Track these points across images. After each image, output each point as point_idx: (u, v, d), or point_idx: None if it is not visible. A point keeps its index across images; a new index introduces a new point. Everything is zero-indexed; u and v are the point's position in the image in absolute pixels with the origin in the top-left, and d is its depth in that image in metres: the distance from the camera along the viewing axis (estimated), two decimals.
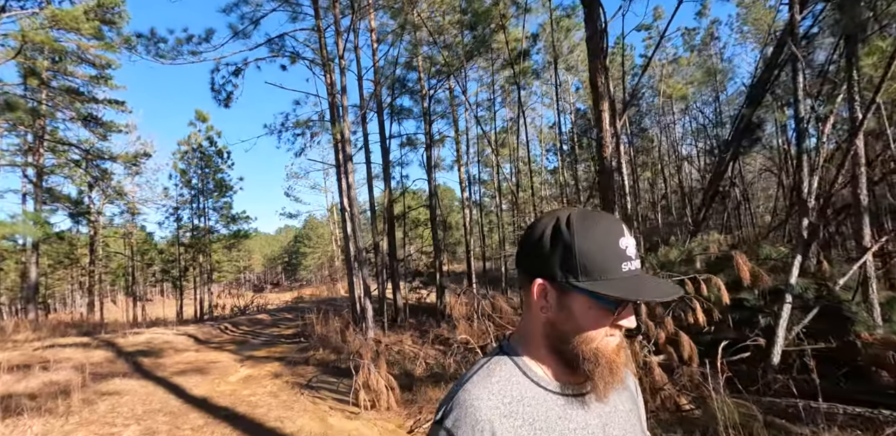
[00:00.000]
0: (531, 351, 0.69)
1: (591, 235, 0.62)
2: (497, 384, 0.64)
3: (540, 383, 0.66)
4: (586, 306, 0.63)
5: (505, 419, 0.61)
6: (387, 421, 3.84)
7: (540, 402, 0.65)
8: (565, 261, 0.62)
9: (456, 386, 0.67)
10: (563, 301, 0.64)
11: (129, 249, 25.02)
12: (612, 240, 0.62)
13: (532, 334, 0.69)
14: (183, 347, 9.66)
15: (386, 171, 12.55)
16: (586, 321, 0.63)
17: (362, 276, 7.19)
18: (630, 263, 0.62)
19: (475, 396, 0.62)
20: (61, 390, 5.23)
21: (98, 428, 4.04)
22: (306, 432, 3.66)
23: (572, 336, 0.64)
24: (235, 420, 4.17)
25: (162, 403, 4.95)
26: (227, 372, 6.71)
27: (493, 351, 0.73)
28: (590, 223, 0.63)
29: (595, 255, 0.61)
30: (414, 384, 4.51)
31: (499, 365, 0.67)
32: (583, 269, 0.61)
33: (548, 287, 0.64)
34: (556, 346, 0.66)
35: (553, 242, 0.63)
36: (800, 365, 3.95)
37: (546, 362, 0.68)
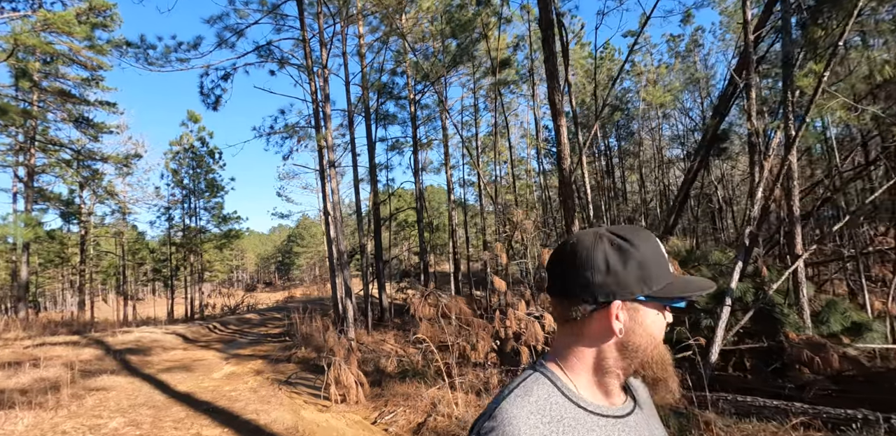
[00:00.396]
0: (570, 373, 0.68)
1: (647, 244, 0.65)
2: (535, 404, 0.63)
3: (580, 403, 0.66)
4: (655, 313, 0.65)
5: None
6: (354, 413, 4.15)
7: (581, 423, 0.64)
8: (642, 275, 0.63)
9: (493, 404, 0.66)
10: (635, 316, 0.65)
11: (121, 248, 25.11)
12: (660, 248, 0.66)
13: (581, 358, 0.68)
14: (171, 345, 9.92)
15: (372, 174, 12.85)
16: (656, 326, 0.66)
17: (344, 277, 7.49)
18: (670, 266, 0.67)
19: (513, 414, 0.61)
20: (51, 386, 5.49)
21: (85, 420, 4.32)
22: (279, 424, 3.97)
23: (646, 345, 0.65)
24: (215, 413, 4.46)
25: (147, 397, 5.23)
26: (211, 369, 6.99)
27: (526, 370, 0.72)
28: (637, 237, 0.65)
29: (656, 265, 0.64)
30: (384, 380, 4.82)
31: (536, 384, 0.66)
32: (656, 278, 0.64)
33: (621, 307, 0.65)
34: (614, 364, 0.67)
35: (623, 259, 0.64)
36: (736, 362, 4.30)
37: (586, 383, 0.68)
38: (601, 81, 16.46)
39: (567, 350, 0.69)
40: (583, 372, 0.67)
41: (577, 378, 0.67)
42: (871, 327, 4.73)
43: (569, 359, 0.68)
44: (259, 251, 75.23)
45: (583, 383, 0.67)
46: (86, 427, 4.10)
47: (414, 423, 3.67)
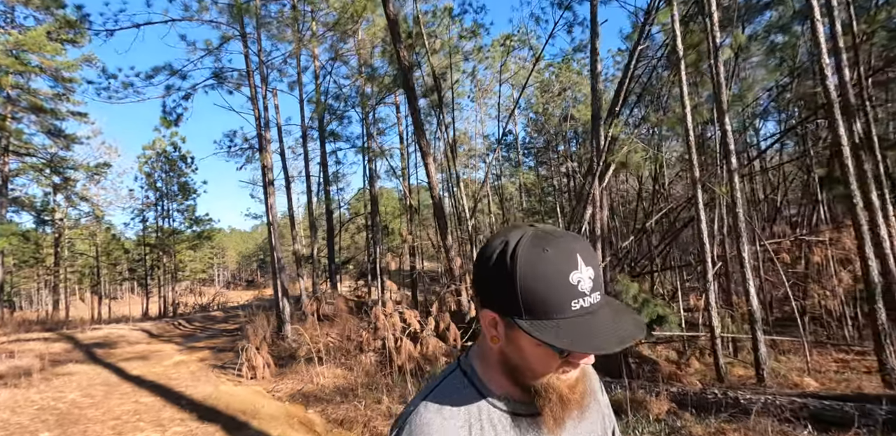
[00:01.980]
0: (488, 370, 0.66)
1: (535, 269, 0.54)
2: (450, 408, 0.62)
3: (495, 403, 0.64)
4: (533, 345, 0.57)
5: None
6: (258, 386, 5.50)
7: (494, 424, 0.63)
8: (508, 296, 0.56)
9: (410, 405, 0.65)
10: (511, 335, 0.59)
11: (95, 249, 25.91)
12: (560, 274, 0.54)
13: (488, 355, 0.66)
14: (136, 340, 11.12)
15: (326, 183, 14.14)
16: (535, 360, 0.59)
17: (281, 280, 8.80)
18: (582, 300, 0.55)
19: (426, 420, 0.61)
20: (24, 372, 6.71)
21: (51, 394, 5.59)
22: (199, 394, 5.29)
23: (523, 369, 0.61)
24: (154, 388, 5.76)
25: (103, 379, 6.49)
26: (164, 358, 8.25)
27: (449, 366, 0.71)
28: (536, 253, 0.55)
29: (539, 293, 0.54)
30: (291, 363, 6.18)
31: (454, 384, 0.66)
32: (527, 307, 0.55)
33: (497, 319, 0.60)
34: (510, 372, 0.63)
35: (498, 274, 0.57)
36: None
37: (502, 382, 0.65)
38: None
39: (481, 344, 0.68)
40: (494, 368, 0.65)
41: (492, 373, 0.65)
42: (669, 319, 6.24)
43: (481, 353, 0.67)
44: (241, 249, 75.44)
45: (498, 379, 0.65)
46: (50, 398, 5.37)
47: (294, 390, 5.04)
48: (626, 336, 0.54)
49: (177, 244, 24.99)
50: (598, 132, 5.85)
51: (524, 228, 0.60)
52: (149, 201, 24.74)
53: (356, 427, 3.70)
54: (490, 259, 0.58)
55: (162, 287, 25.33)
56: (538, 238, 0.57)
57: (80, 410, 4.88)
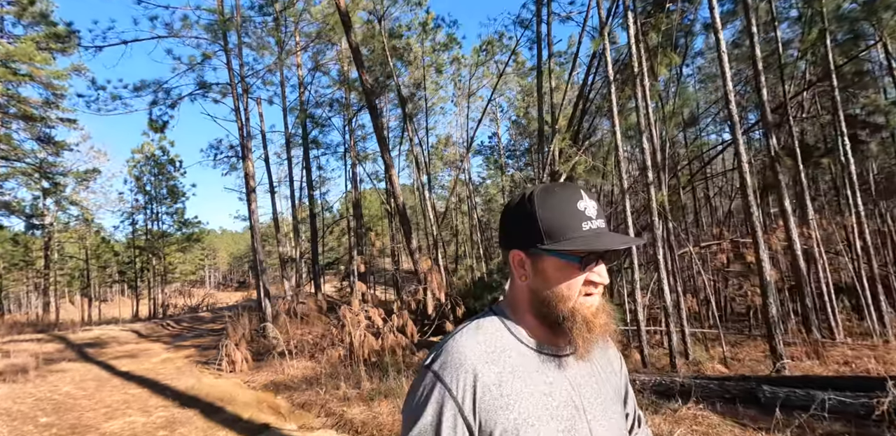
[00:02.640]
0: (516, 315, 0.75)
1: (549, 202, 0.68)
2: (482, 336, 0.71)
3: (522, 340, 0.72)
4: (556, 267, 0.68)
5: (487, 365, 0.68)
6: (236, 378, 6.09)
7: (522, 354, 0.71)
8: (530, 229, 0.68)
9: (446, 337, 0.73)
10: (537, 266, 0.70)
11: (85, 252, 26.22)
12: (570, 203, 0.68)
13: (517, 300, 0.75)
14: (125, 340, 11.63)
15: (310, 188, 14.70)
16: (559, 281, 0.69)
17: (263, 281, 9.38)
18: (591, 223, 0.68)
19: (462, 344, 0.69)
20: (20, 369, 7.23)
21: (46, 388, 6.13)
22: (183, 385, 5.87)
23: (551, 298, 0.69)
24: (141, 382, 6.33)
25: (95, 375, 7.04)
26: (152, 356, 8.80)
27: (482, 312, 0.79)
28: (548, 193, 0.69)
29: (555, 219, 0.67)
30: (269, 358, 6.78)
31: (486, 321, 0.74)
32: (547, 233, 0.67)
33: (523, 257, 0.71)
34: (539, 310, 0.72)
35: (520, 214, 0.70)
36: None
37: (529, 324, 0.74)
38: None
39: (510, 292, 0.77)
40: (522, 313, 0.74)
41: (519, 318, 0.74)
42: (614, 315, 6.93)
43: (511, 300, 0.76)
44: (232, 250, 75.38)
45: (525, 323, 0.74)
46: (47, 391, 5.92)
47: (267, 381, 5.64)
48: (629, 241, 0.70)
49: (166, 247, 25.38)
50: (544, 147, 6.50)
51: (535, 186, 0.73)
52: (138, 204, 25.13)
53: (314, 409, 4.32)
54: (512, 207, 0.72)
55: (152, 289, 25.72)
56: (548, 185, 0.71)
57: (75, 400, 5.44)
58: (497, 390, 0.67)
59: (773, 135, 6.48)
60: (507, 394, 0.67)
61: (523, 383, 0.68)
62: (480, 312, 0.79)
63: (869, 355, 5.45)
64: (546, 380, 0.70)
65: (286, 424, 4.06)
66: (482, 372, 0.67)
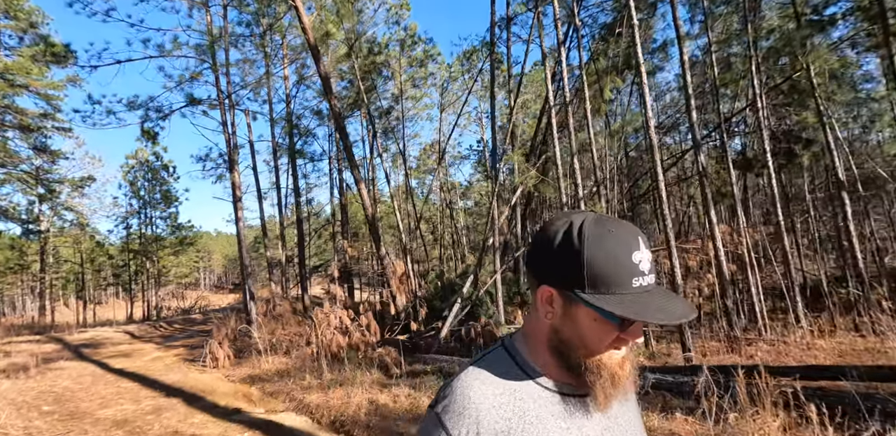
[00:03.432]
0: (533, 350, 0.69)
1: (602, 245, 0.60)
2: (491, 376, 0.66)
3: (537, 379, 0.67)
4: (591, 319, 0.62)
5: (493, 409, 0.62)
6: (219, 373, 6.77)
7: (534, 397, 0.65)
8: (573, 271, 0.60)
9: (455, 375, 0.68)
10: (569, 310, 0.63)
11: (80, 256, 26.75)
12: (624, 252, 0.60)
13: (536, 334, 0.69)
14: (119, 341, 12.26)
15: (296, 195, 15.37)
16: (591, 333, 0.62)
17: (248, 285, 10.05)
18: (642, 279, 0.60)
19: (467, 384, 0.64)
20: (21, 367, 7.87)
21: (46, 383, 6.79)
22: (170, 379, 6.54)
23: (577, 345, 0.63)
24: (134, 377, 6.99)
25: (91, 372, 7.69)
26: (144, 355, 9.45)
27: (494, 345, 0.73)
28: (602, 232, 0.61)
29: (604, 267, 0.59)
30: (250, 355, 7.46)
31: (497, 358, 0.69)
32: (591, 281, 0.60)
33: (554, 295, 0.64)
34: (559, 350, 0.66)
35: (563, 250, 0.62)
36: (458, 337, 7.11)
37: (547, 362, 0.68)
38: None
39: (528, 323, 0.70)
40: (539, 348, 0.68)
41: (535, 354, 0.68)
42: None
43: (529, 333, 0.70)
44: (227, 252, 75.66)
45: (542, 359, 0.68)
46: (47, 385, 6.58)
47: (245, 374, 6.33)
48: (682, 314, 0.59)
49: (160, 250, 25.96)
50: (496, 164, 7.22)
51: (586, 213, 0.64)
52: (132, 209, 25.69)
53: (281, 396, 5.01)
54: (554, 237, 0.62)
55: (146, 292, 26.28)
56: (602, 220, 0.62)
57: (73, 393, 6.10)
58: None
59: (700, 153, 7.23)
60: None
61: (537, 431, 0.63)
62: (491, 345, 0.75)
63: (777, 350, 6.20)
64: (564, 426, 0.64)
65: (255, 408, 4.75)
66: (488, 419, 0.62)
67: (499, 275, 7.18)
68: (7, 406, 5.25)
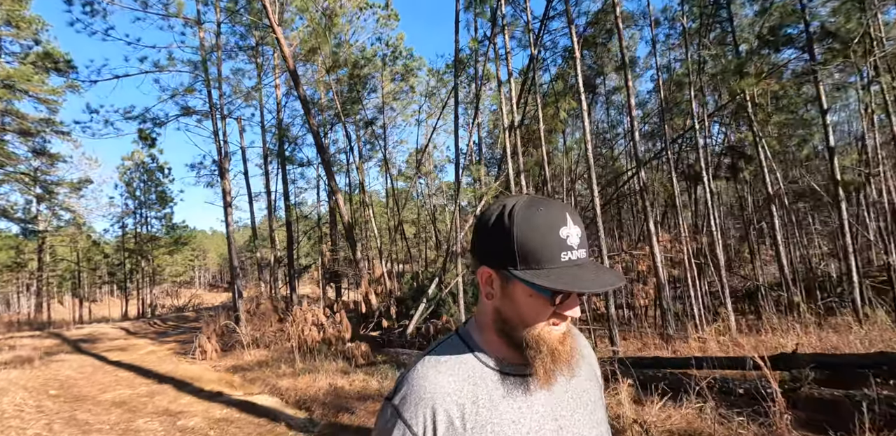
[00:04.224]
0: (483, 334, 0.71)
1: (530, 223, 0.62)
2: (445, 364, 0.68)
3: (487, 363, 0.69)
4: (526, 295, 0.64)
5: (447, 396, 0.64)
6: (206, 364, 7.54)
7: (487, 381, 0.67)
8: (505, 250, 0.63)
9: (410, 366, 0.70)
10: (506, 289, 0.65)
11: (76, 254, 27.39)
12: (551, 229, 0.62)
13: (484, 317, 0.71)
14: (115, 336, 13.00)
15: (286, 199, 16.13)
16: (527, 309, 0.64)
17: (237, 285, 10.81)
18: (570, 253, 0.62)
19: (422, 375, 0.66)
20: (26, 360, 8.61)
21: (50, 372, 7.54)
22: (162, 369, 7.31)
23: (517, 322, 0.66)
24: (130, 368, 7.76)
25: (90, 363, 8.44)
26: (139, 349, 10.20)
27: (448, 334, 0.76)
28: (531, 212, 0.63)
29: (533, 244, 0.61)
30: (237, 348, 8.23)
31: (450, 346, 0.71)
32: (521, 258, 0.62)
33: (493, 275, 0.66)
34: (503, 330, 0.68)
35: (496, 230, 0.64)
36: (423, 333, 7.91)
37: (496, 344, 0.70)
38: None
39: (478, 309, 0.73)
40: (489, 332, 0.70)
41: (486, 338, 0.71)
42: None
43: (478, 318, 0.73)
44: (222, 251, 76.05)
45: (492, 341, 0.70)
46: (51, 374, 7.34)
47: (230, 365, 7.11)
48: (608, 283, 0.61)
49: (154, 250, 26.63)
50: (459, 177, 8.03)
51: (520, 196, 0.67)
52: (128, 209, 26.37)
53: (258, 382, 5.80)
54: (489, 219, 0.66)
55: (141, 290, 26.96)
56: (532, 201, 0.65)
57: (75, 380, 6.86)
58: (460, 423, 0.63)
59: (642, 170, 8.07)
60: (472, 427, 0.64)
61: (490, 413, 0.65)
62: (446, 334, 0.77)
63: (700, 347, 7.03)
64: (515, 405, 0.66)
65: (235, 392, 5.53)
66: (444, 406, 0.63)
67: (460, 278, 7.98)
68: (20, 390, 6.01)
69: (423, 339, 7.80)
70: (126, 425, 4.49)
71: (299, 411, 4.54)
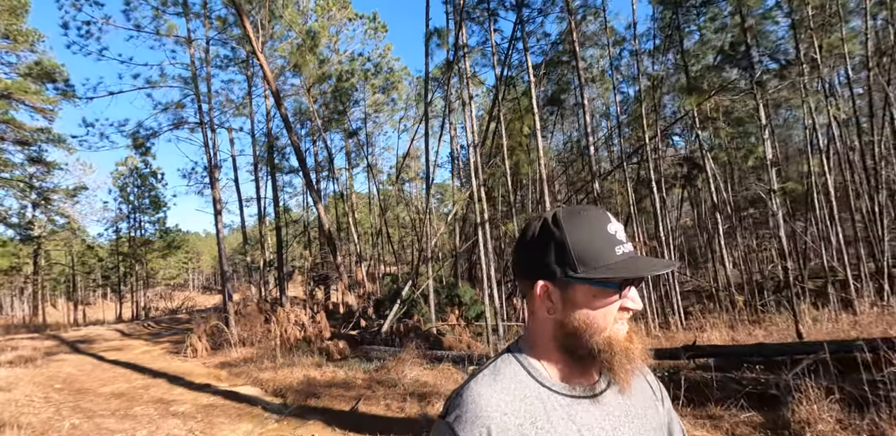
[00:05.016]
0: (539, 353, 0.70)
1: (578, 226, 0.64)
2: (501, 383, 0.66)
3: (545, 383, 0.67)
4: (590, 296, 0.64)
5: (505, 417, 0.63)
6: (197, 361, 8.23)
7: (544, 401, 0.66)
8: (560, 256, 0.64)
9: (464, 383, 0.68)
10: (567, 297, 0.65)
11: (71, 258, 27.88)
12: (601, 227, 0.64)
13: (540, 336, 0.70)
14: (111, 338, 13.63)
15: (276, 205, 16.77)
16: (594, 311, 0.65)
17: (227, 288, 11.49)
18: (622, 247, 0.64)
19: (477, 393, 0.65)
20: (29, 359, 9.25)
21: (52, 371, 8.20)
22: (156, 366, 7.99)
23: (584, 329, 0.65)
24: (126, 365, 8.42)
25: (89, 362, 9.09)
26: (134, 349, 10.85)
27: (500, 352, 0.74)
28: (576, 217, 0.65)
29: (587, 244, 0.63)
30: (226, 346, 8.92)
31: (505, 364, 0.69)
32: (579, 260, 0.63)
33: (550, 288, 0.66)
34: (567, 345, 0.67)
35: (545, 241, 0.65)
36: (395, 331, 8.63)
37: (555, 363, 0.69)
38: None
39: (530, 329, 0.72)
40: (545, 350, 0.69)
41: (543, 357, 0.70)
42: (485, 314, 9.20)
43: (532, 337, 0.71)
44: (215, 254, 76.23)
45: (549, 362, 0.69)
46: (53, 372, 7.99)
47: (218, 362, 7.80)
48: (667, 265, 0.65)
49: (148, 253, 27.18)
50: (429, 189, 8.77)
51: (555, 208, 0.69)
52: (122, 214, 26.91)
53: (242, 375, 6.50)
54: (534, 234, 0.67)
55: (135, 293, 27.49)
56: (571, 208, 0.68)
57: (76, 377, 7.53)
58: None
59: (596, 181, 8.84)
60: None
61: (547, 434, 0.63)
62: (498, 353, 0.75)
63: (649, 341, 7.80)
64: (574, 427, 0.65)
65: (221, 384, 6.24)
66: (500, 426, 0.62)
67: (431, 280, 8.72)
68: (28, 385, 6.68)
69: (395, 336, 8.53)
70: (125, 411, 5.19)
71: (276, 398, 5.26)
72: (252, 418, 4.56)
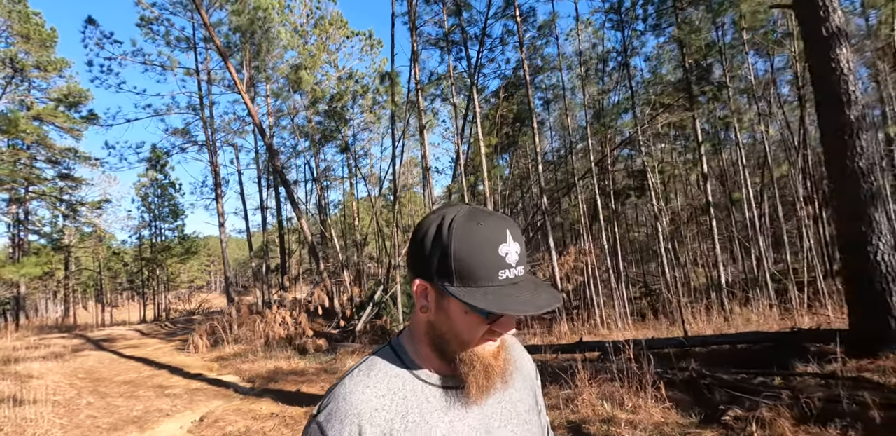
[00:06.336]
0: (416, 346, 0.71)
1: (469, 239, 0.61)
2: (374, 378, 0.66)
3: (420, 375, 0.68)
4: (462, 311, 0.63)
5: (375, 412, 0.63)
6: (197, 356, 9.60)
7: (417, 394, 0.66)
8: (441, 264, 0.61)
9: (338, 380, 0.69)
10: (442, 303, 0.64)
11: (98, 264, 30.01)
12: (490, 246, 0.61)
13: (417, 331, 0.71)
14: (130, 337, 15.23)
15: (279, 214, 18.25)
16: (462, 326, 0.63)
17: (229, 292, 12.90)
18: (509, 271, 0.61)
19: (349, 390, 0.65)
20: (58, 354, 10.78)
21: (78, 363, 9.67)
22: (163, 360, 9.38)
23: (450, 338, 0.65)
24: (140, 360, 9.85)
25: (109, 357, 10.57)
26: (149, 346, 12.34)
27: (380, 346, 0.75)
28: (471, 226, 0.61)
29: (471, 261, 0.60)
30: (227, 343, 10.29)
31: (381, 358, 0.70)
32: (458, 274, 0.60)
33: (428, 288, 0.65)
34: (436, 344, 0.68)
35: (433, 243, 0.62)
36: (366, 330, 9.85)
37: (429, 357, 0.70)
38: None
39: (411, 320, 0.73)
40: (422, 343, 0.70)
41: (420, 349, 0.70)
42: None
43: (412, 329, 0.72)
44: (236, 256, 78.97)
45: (425, 354, 0.70)
46: (78, 365, 9.46)
47: (215, 356, 9.15)
48: (544, 304, 0.59)
49: (168, 259, 29.12)
50: (397, 199, 9.95)
51: (460, 206, 0.65)
52: (144, 222, 28.91)
53: (229, 367, 7.81)
54: (427, 231, 0.63)
55: (157, 295, 29.46)
56: (473, 213, 0.63)
57: (97, 368, 8.97)
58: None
59: (545, 195, 9.91)
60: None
61: (419, 428, 0.64)
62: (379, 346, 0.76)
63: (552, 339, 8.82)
64: (446, 418, 0.66)
65: (211, 373, 7.55)
66: (371, 422, 0.62)
67: (398, 286, 9.91)
68: (56, 374, 8.12)
69: (367, 335, 9.75)
70: (131, 393, 6.53)
71: (248, 384, 6.53)
72: (223, 397, 5.83)
